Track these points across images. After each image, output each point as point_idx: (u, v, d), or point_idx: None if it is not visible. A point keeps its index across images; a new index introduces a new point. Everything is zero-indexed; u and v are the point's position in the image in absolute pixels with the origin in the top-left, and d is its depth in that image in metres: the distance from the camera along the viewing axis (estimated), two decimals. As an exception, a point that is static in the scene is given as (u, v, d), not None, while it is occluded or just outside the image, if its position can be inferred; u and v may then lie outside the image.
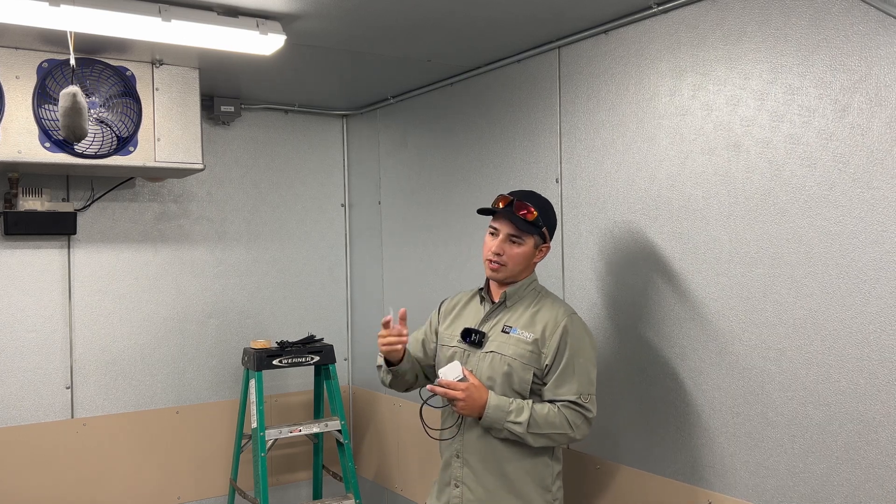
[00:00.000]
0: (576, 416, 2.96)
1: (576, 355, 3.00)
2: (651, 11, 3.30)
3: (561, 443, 3.02)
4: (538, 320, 3.07)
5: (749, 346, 2.96)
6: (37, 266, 4.59)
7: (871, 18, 2.56)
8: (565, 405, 2.96)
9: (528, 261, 3.12)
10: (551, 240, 3.19)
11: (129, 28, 3.24)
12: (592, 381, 3.03)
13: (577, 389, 2.97)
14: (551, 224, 3.17)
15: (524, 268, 3.14)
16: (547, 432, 2.94)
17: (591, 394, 3.00)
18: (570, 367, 2.99)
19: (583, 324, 3.09)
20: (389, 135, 5.27)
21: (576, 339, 3.02)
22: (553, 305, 3.11)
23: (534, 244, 3.11)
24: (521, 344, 3.04)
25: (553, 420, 2.94)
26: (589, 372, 3.02)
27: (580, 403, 2.96)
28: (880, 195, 2.54)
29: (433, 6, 3.33)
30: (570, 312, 3.08)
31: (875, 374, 2.56)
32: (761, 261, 2.90)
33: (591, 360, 3.05)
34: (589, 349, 3.05)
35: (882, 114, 2.53)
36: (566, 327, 3.02)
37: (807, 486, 2.77)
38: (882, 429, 2.55)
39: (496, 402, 2.96)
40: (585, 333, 3.07)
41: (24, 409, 4.54)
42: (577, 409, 2.96)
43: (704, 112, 3.11)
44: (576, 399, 2.96)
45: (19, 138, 3.86)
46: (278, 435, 4.72)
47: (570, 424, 2.95)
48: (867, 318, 2.58)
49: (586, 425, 2.99)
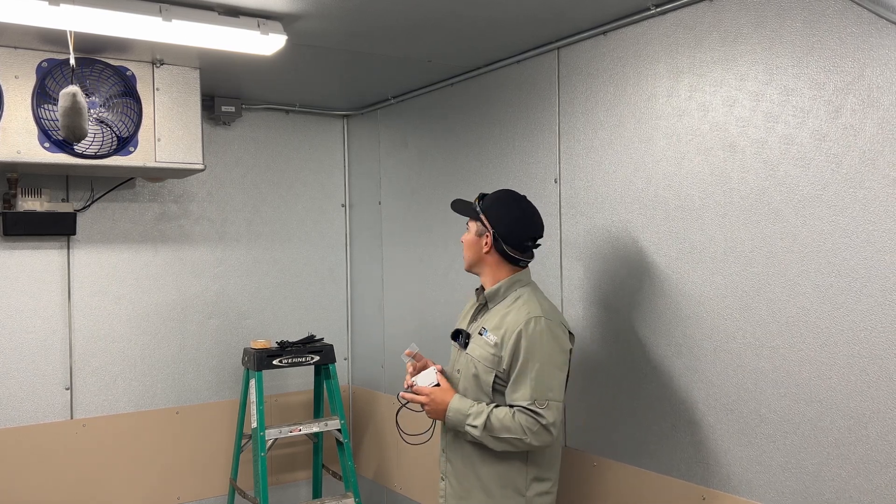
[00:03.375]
0: (530, 423, 2.91)
1: (531, 360, 2.96)
2: (649, 13, 3.32)
3: (520, 448, 2.98)
4: (504, 323, 3.07)
5: (743, 344, 2.98)
6: (36, 267, 4.60)
7: (864, 20, 2.58)
8: (520, 410, 2.93)
9: (475, 248, 3.21)
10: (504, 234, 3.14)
11: (130, 28, 3.25)
12: (550, 387, 2.96)
13: (531, 395, 2.93)
14: (496, 215, 3.17)
15: (476, 256, 3.22)
16: (504, 437, 2.93)
17: (548, 400, 2.94)
18: (523, 372, 2.96)
19: (545, 329, 3.00)
20: (390, 135, 5.29)
21: (532, 343, 2.97)
22: (521, 308, 3.07)
23: (476, 231, 3.21)
24: (486, 346, 3.08)
25: (509, 425, 2.92)
26: (545, 378, 2.95)
27: (533, 409, 2.92)
28: (872, 195, 2.56)
29: (433, 6, 3.35)
30: (533, 316, 3.01)
31: (866, 371, 2.59)
32: (755, 260, 2.92)
33: (550, 366, 2.98)
34: (548, 354, 2.98)
35: (874, 115, 2.55)
36: (521, 332, 2.98)
37: (799, 481, 2.79)
38: (872, 425, 2.57)
39: (457, 406, 3.04)
40: (546, 338, 2.99)
41: (24, 410, 4.54)
42: (531, 415, 2.92)
43: (701, 113, 3.13)
44: (528, 405, 2.93)
45: (19, 138, 3.86)
46: (278, 434, 4.73)
47: (525, 430, 2.91)
48: (859, 316, 2.61)
49: (544, 432, 2.93)
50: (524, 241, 3.17)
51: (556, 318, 3.09)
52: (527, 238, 3.17)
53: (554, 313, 3.12)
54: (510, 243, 3.14)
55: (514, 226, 3.16)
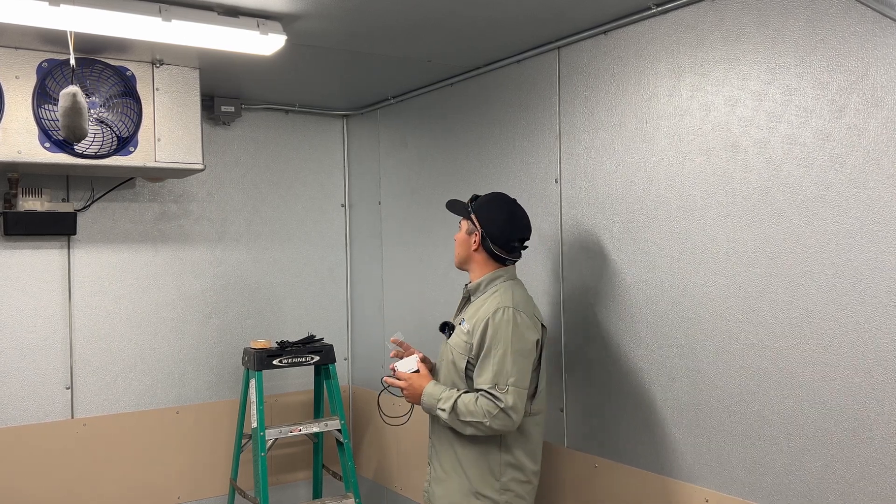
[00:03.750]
0: (490, 406, 3.07)
1: (494, 346, 3.13)
2: (650, 12, 3.31)
3: (484, 432, 3.12)
4: (478, 313, 3.26)
5: (746, 345, 2.97)
6: (37, 266, 4.59)
7: (867, 19, 2.57)
8: (482, 394, 3.10)
9: (465, 246, 3.42)
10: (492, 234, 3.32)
11: (130, 28, 3.25)
12: (511, 372, 3.10)
13: (492, 379, 3.10)
14: (485, 215, 3.36)
15: (465, 254, 3.43)
16: (468, 420, 3.10)
17: (508, 384, 3.09)
18: (487, 357, 3.15)
19: (511, 318, 3.16)
20: (389, 135, 5.28)
21: (497, 331, 3.14)
22: (494, 299, 3.25)
23: (466, 229, 3.42)
24: (461, 335, 3.31)
25: (472, 409, 3.09)
26: (506, 363, 3.11)
27: (493, 393, 3.08)
28: (876, 195, 2.55)
29: (433, 6, 3.34)
30: (502, 306, 3.18)
31: (871, 373, 2.57)
32: (758, 260, 2.91)
33: (511, 353, 3.12)
34: (511, 341, 3.13)
35: (878, 114, 2.54)
36: (489, 320, 3.17)
37: (803, 483, 2.78)
38: (877, 427, 2.56)
39: (430, 390, 3.27)
40: (510, 327, 3.14)
41: (24, 410, 4.54)
42: (491, 399, 3.07)
43: (703, 112, 3.12)
44: (489, 388, 3.09)
45: (19, 138, 3.86)
46: (278, 434, 4.72)
47: (486, 413, 3.06)
48: (863, 318, 2.60)
49: (504, 416, 3.07)
50: (511, 241, 3.36)
51: (526, 310, 3.25)
52: (514, 239, 3.37)
53: (525, 305, 3.27)
54: (497, 243, 3.34)
55: (501, 227, 3.35)
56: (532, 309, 3.30)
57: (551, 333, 3.89)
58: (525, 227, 3.42)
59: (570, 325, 3.80)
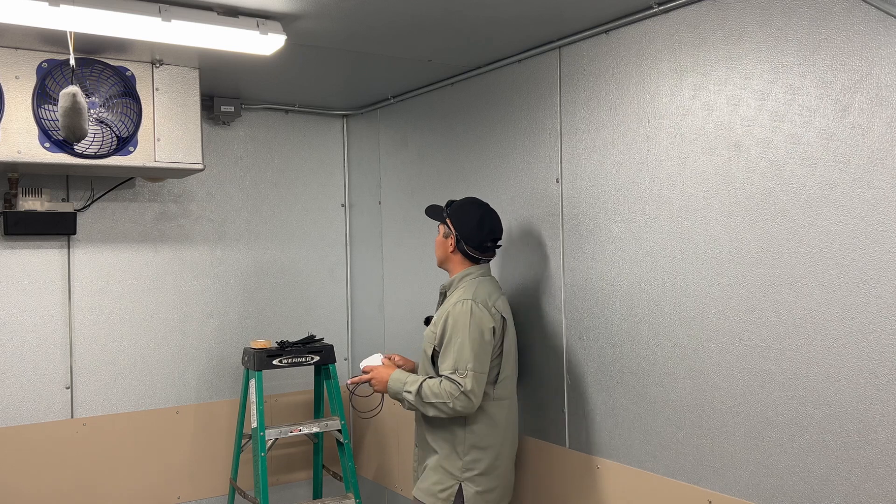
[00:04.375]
0: (453, 388, 3.39)
1: (454, 336, 3.47)
2: (652, 11, 3.30)
3: (447, 413, 3.43)
4: (444, 307, 3.62)
5: (749, 346, 2.96)
6: (37, 266, 4.59)
7: (872, 18, 2.56)
8: (446, 378, 3.43)
9: (443, 248, 3.76)
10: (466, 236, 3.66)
11: (129, 28, 3.24)
12: (468, 358, 3.42)
13: (453, 365, 3.43)
14: (459, 220, 3.69)
15: (443, 255, 3.77)
16: (433, 401, 3.42)
17: (467, 370, 3.41)
18: (448, 345, 3.49)
19: (469, 309, 3.49)
20: (390, 135, 5.27)
21: (456, 321, 3.49)
22: (457, 295, 3.61)
23: (443, 233, 3.76)
24: (430, 327, 3.67)
25: (437, 391, 3.42)
26: (465, 350, 3.43)
27: (454, 378, 3.41)
28: (881, 195, 2.54)
29: (433, 6, 3.33)
30: (463, 299, 3.54)
31: (875, 374, 2.56)
32: (762, 261, 2.90)
33: (469, 340, 3.44)
34: (469, 331, 3.45)
35: (883, 114, 2.53)
36: (450, 312, 3.53)
37: (806, 485, 2.77)
38: (881, 428, 2.55)
39: (396, 376, 3.61)
40: (469, 318, 3.47)
41: (24, 409, 4.53)
42: (453, 383, 3.40)
43: (705, 112, 3.11)
44: (450, 373, 3.43)
45: (19, 138, 3.85)
46: (278, 435, 4.71)
47: (449, 395, 3.39)
48: (867, 318, 2.58)
49: (465, 398, 3.40)
50: (483, 242, 3.70)
51: (485, 302, 3.56)
52: (486, 240, 3.70)
53: (485, 298, 3.58)
54: (471, 244, 3.68)
55: (473, 229, 3.67)
56: (493, 301, 3.60)
57: (552, 333, 3.90)
58: (496, 228, 3.74)
59: (571, 326, 3.79)
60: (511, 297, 4.13)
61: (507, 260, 4.19)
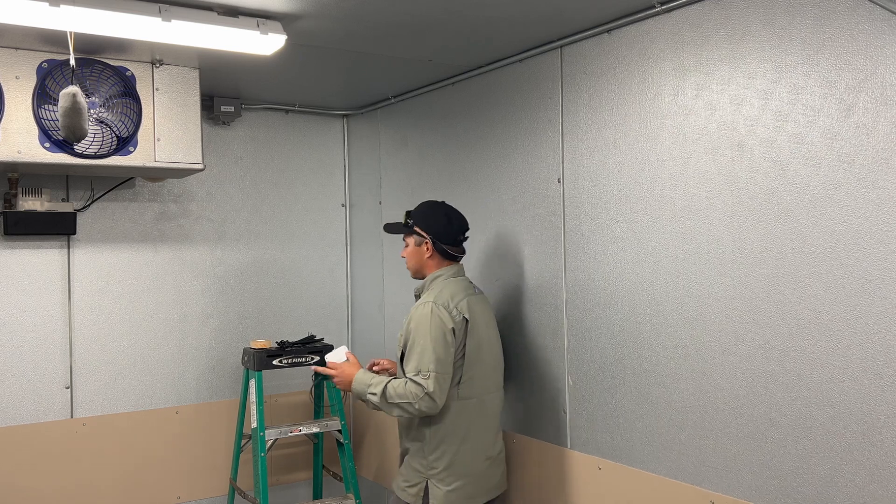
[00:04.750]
0: (416, 390, 3.46)
1: (417, 338, 3.56)
2: (654, 11, 3.29)
3: (411, 412, 3.51)
4: (411, 311, 3.69)
5: (752, 347, 2.95)
6: (37, 266, 4.59)
7: (876, 17, 2.55)
8: (410, 380, 3.49)
9: (418, 257, 3.82)
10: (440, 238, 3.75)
11: (129, 28, 3.23)
12: (430, 360, 3.48)
13: (416, 367, 3.51)
14: (426, 224, 3.78)
15: (419, 263, 3.84)
16: (397, 402, 3.49)
17: (430, 371, 3.48)
18: (411, 348, 3.57)
19: (429, 312, 3.57)
20: (390, 135, 5.26)
21: (418, 324, 3.57)
22: (423, 298, 3.70)
23: (415, 242, 3.82)
24: (401, 329, 3.71)
25: (402, 392, 3.48)
26: (426, 353, 3.50)
27: (417, 380, 3.47)
28: (886, 195, 2.53)
29: (434, 5, 3.32)
30: (423, 302, 3.63)
31: (880, 375, 2.55)
32: (765, 261, 2.89)
33: (430, 343, 3.51)
34: (430, 334, 3.52)
35: (888, 113, 2.52)
36: (412, 316, 3.63)
37: (810, 487, 2.76)
38: (887, 430, 2.54)
39: (360, 377, 3.67)
40: (430, 321, 3.55)
41: (24, 409, 4.53)
42: (417, 384, 3.46)
43: (708, 112, 3.10)
44: (413, 375, 3.50)
45: (19, 138, 3.85)
46: (278, 435, 4.71)
47: (413, 395, 3.45)
48: (872, 319, 2.57)
49: (428, 399, 3.46)
50: (456, 236, 3.80)
51: (447, 304, 3.62)
52: (458, 234, 3.81)
53: (448, 300, 3.64)
54: (446, 242, 3.77)
55: (445, 227, 3.77)
56: (455, 302, 3.65)
57: (553, 334, 3.89)
58: (462, 220, 3.84)
59: (573, 326, 3.78)
60: (512, 297, 4.13)
61: (507, 260, 4.18)
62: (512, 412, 4.18)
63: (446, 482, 3.62)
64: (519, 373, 4.12)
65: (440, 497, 3.61)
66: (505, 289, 4.21)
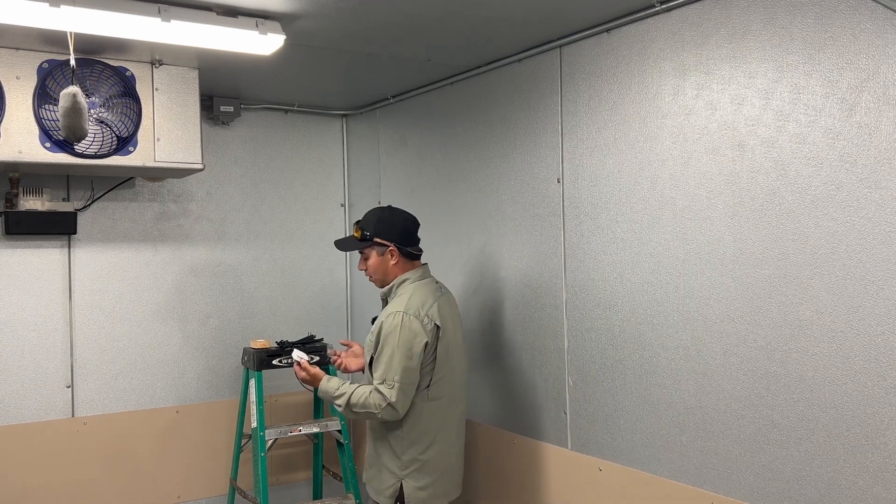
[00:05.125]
0: (379, 399, 3.52)
1: (385, 347, 3.57)
2: (654, 10, 3.28)
3: (375, 420, 3.64)
4: (382, 316, 3.68)
5: (754, 348, 2.94)
6: (37, 266, 4.59)
7: (878, 16, 2.54)
8: (374, 390, 3.54)
9: (384, 266, 3.79)
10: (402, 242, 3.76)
11: (129, 28, 3.23)
12: (397, 371, 3.52)
13: (381, 376, 3.55)
14: (384, 231, 3.75)
15: (385, 272, 3.81)
16: (360, 411, 3.57)
17: (394, 381, 3.52)
18: (379, 356, 3.60)
19: (400, 322, 3.56)
20: (389, 135, 5.25)
21: (387, 334, 3.57)
22: (392, 305, 3.68)
23: (377, 253, 3.79)
24: (370, 334, 3.71)
25: (365, 402, 3.54)
26: (393, 363, 3.53)
27: (381, 390, 3.52)
28: (888, 195, 2.52)
29: (433, 6, 3.31)
30: (394, 311, 3.60)
31: (883, 377, 2.55)
32: (766, 262, 2.88)
33: (397, 353, 3.53)
34: (399, 344, 3.53)
35: (890, 113, 2.51)
36: (381, 324, 3.61)
37: (813, 489, 2.75)
38: (889, 432, 2.53)
39: (324, 387, 3.75)
40: (398, 330, 3.54)
41: (25, 408, 4.53)
42: (380, 395, 3.52)
43: (708, 111, 3.09)
44: (378, 384, 3.55)
45: (20, 138, 3.85)
46: (278, 435, 4.70)
47: (375, 405, 3.52)
48: (875, 320, 2.56)
49: (390, 409, 3.52)
50: (414, 236, 3.84)
51: (417, 313, 3.60)
52: (415, 232, 3.85)
53: (418, 308, 3.62)
54: (408, 243, 3.79)
55: (402, 229, 3.79)
56: (426, 310, 3.64)
57: (553, 334, 3.88)
58: (414, 218, 3.88)
59: (573, 327, 3.77)
60: (511, 297, 4.13)
61: (507, 260, 4.18)
62: (512, 413, 4.18)
63: (420, 480, 3.67)
64: (519, 374, 4.12)
65: (414, 494, 3.66)
66: (504, 289, 4.21)
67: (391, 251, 3.74)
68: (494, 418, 4.34)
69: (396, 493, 3.66)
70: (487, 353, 4.37)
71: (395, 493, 3.66)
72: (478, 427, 4.43)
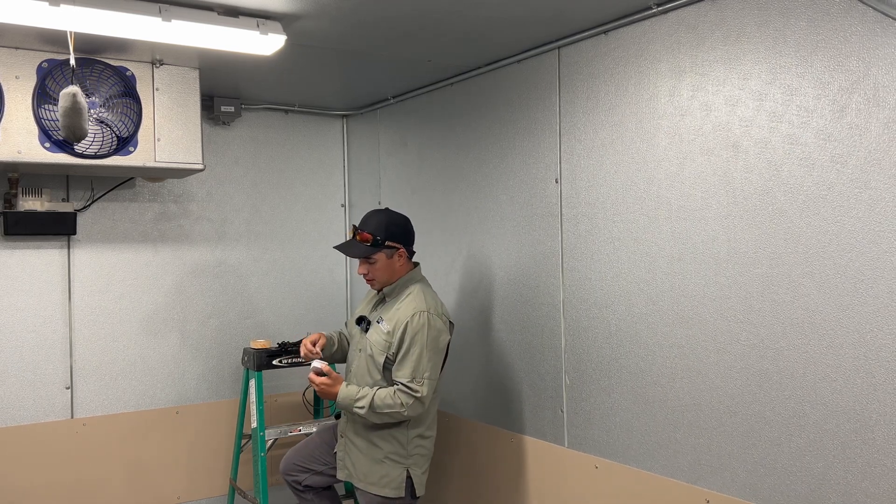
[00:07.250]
0: (406, 398, 3.58)
1: (413, 346, 3.62)
2: (651, 12, 3.31)
3: (398, 419, 3.65)
4: (396, 315, 3.72)
5: (747, 346, 2.96)
6: (37, 266, 4.59)
7: (869, 19, 2.57)
8: (400, 388, 3.60)
9: (391, 268, 3.81)
10: (408, 242, 3.85)
11: (129, 28, 3.24)
12: (426, 367, 3.62)
13: (410, 374, 3.60)
14: (394, 234, 3.78)
15: (392, 273, 3.82)
16: (386, 412, 3.60)
17: (424, 377, 3.61)
18: (406, 355, 3.63)
19: (427, 321, 3.64)
20: (389, 135, 5.27)
21: (414, 333, 3.62)
22: (410, 303, 3.72)
23: (386, 256, 3.79)
24: (380, 333, 3.74)
25: (390, 402, 3.59)
26: (422, 360, 3.61)
27: (410, 386, 3.58)
28: (878, 195, 2.54)
29: (433, 6, 3.33)
30: (418, 310, 3.67)
31: (872, 374, 2.57)
32: (759, 261, 2.91)
33: (427, 351, 3.62)
34: (425, 341, 3.62)
35: (880, 114, 2.54)
36: (408, 323, 3.64)
37: (804, 484, 2.78)
38: (878, 428, 2.56)
39: (344, 393, 3.69)
40: (426, 329, 3.63)
41: (24, 409, 4.53)
42: (408, 391, 3.58)
43: (703, 112, 3.12)
44: (407, 382, 3.59)
45: (19, 138, 3.85)
46: (278, 435, 4.72)
47: (403, 403, 3.58)
48: (864, 318, 2.59)
49: (418, 404, 3.61)
50: (413, 235, 3.92)
51: (438, 311, 3.74)
52: (412, 232, 3.91)
53: (437, 307, 3.76)
54: (411, 243, 3.89)
55: (405, 231, 3.87)
56: (442, 310, 3.79)
57: (550, 333, 3.91)
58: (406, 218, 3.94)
59: (569, 326, 3.79)
60: (509, 297, 4.15)
61: (505, 260, 4.20)
62: (509, 411, 4.19)
63: (422, 466, 3.83)
64: (516, 372, 4.14)
65: (419, 479, 3.80)
66: (502, 288, 4.23)
67: (400, 253, 3.79)
68: (492, 416, 4.36)
69: (403, 482, 3.74)
70: (485, 351, 4.39)
71: (401, 483, 3.74)
72: (475, 424, 4.45)
